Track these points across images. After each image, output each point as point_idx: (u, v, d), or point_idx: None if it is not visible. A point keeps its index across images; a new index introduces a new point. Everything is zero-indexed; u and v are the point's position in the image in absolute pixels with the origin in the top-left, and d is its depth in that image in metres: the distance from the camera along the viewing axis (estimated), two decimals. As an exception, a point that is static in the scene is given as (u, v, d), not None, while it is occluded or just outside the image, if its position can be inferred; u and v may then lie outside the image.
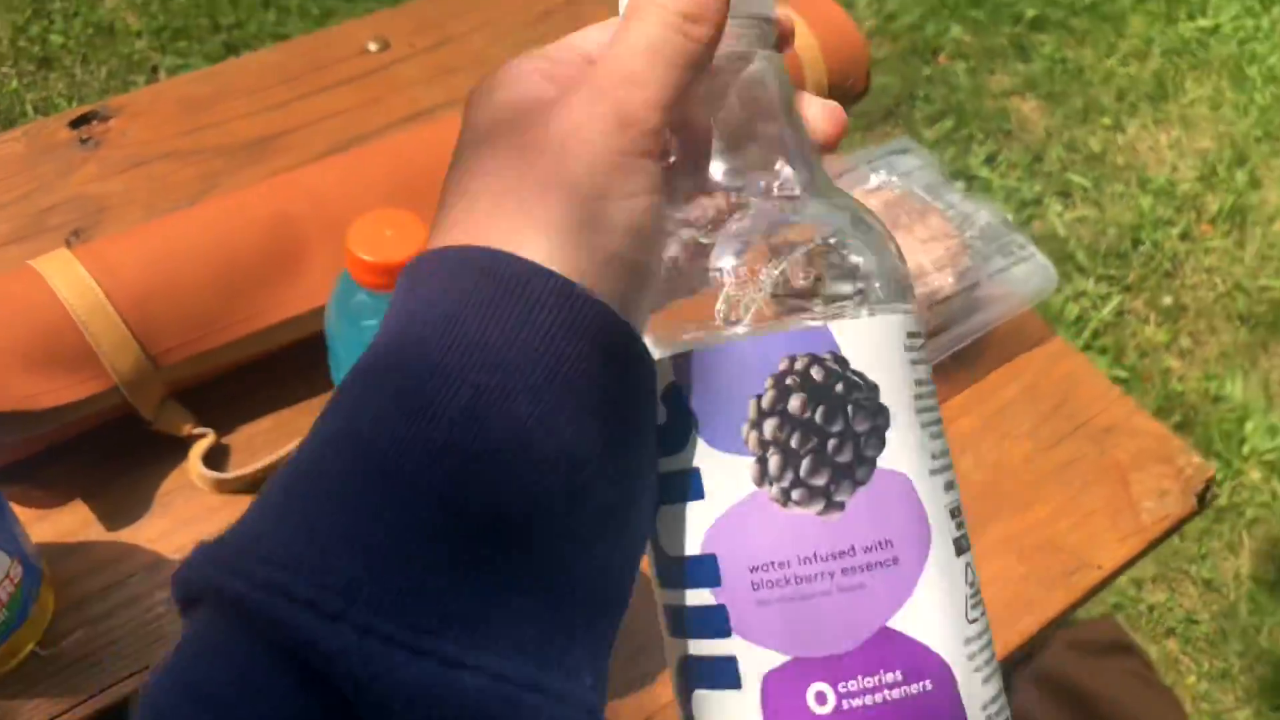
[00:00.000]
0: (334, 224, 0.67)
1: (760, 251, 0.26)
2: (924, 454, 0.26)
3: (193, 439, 0.65)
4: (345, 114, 0.85)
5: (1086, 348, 1.66)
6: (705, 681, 0.26)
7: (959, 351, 0.72)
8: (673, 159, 0.28)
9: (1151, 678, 1.11)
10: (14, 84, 1.76)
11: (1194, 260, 1.79)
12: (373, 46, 0.89)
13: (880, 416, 0.25)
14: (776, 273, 0.26)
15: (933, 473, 0.26)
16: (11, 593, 0.53)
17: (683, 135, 0.28)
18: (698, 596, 0.26)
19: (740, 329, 0.25)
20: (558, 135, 0.25)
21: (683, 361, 0.25)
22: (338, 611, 0.20)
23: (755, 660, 0.25)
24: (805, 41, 0.81)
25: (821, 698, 0.24)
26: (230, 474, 0.64)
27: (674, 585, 0.26)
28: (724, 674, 0.25)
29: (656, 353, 0.26)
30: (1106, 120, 1.96)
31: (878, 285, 0.27)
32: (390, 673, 0.20)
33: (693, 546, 0.25)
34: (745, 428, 0.25)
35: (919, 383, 0.26)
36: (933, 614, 0.25)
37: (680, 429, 0.25)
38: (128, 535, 0.61)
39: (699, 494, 0.25)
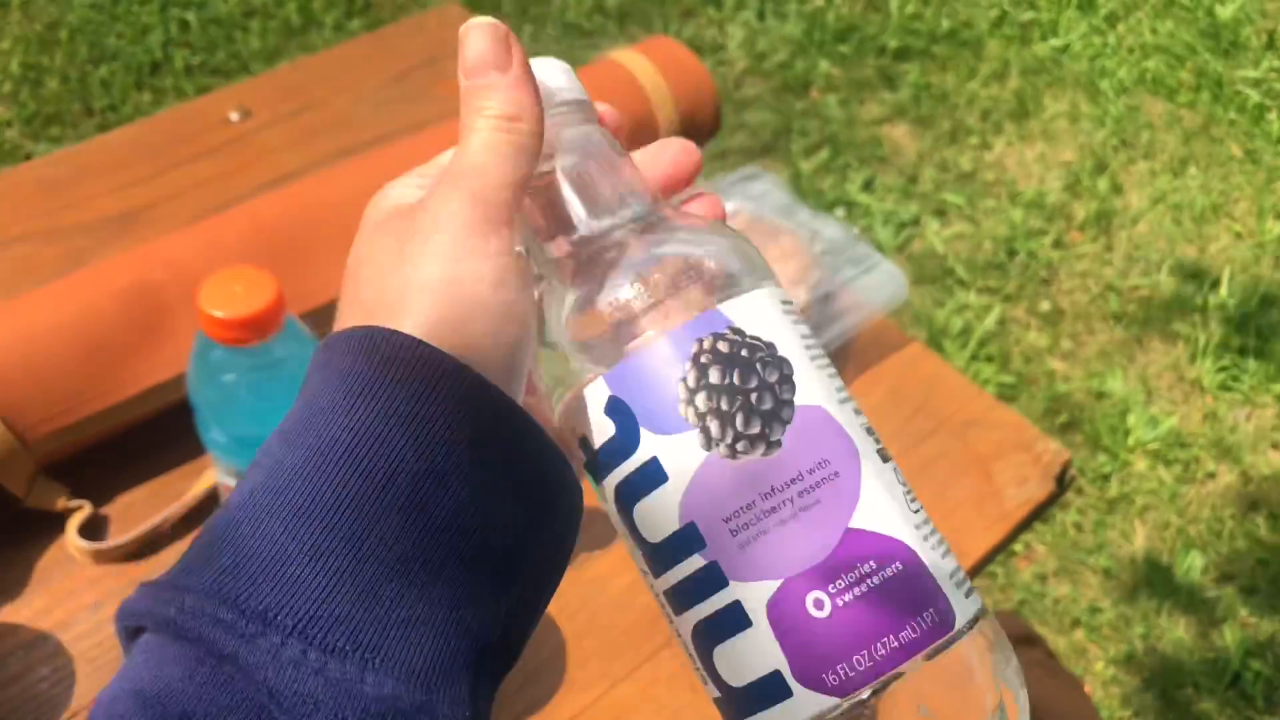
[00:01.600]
0: (194, 290, 0.68)
1: (649, 273, 0.31)
2: (829, 388, 0.31)
3: (68, 512, 0.65)
4: (209, 183, 0.86)
5: (973, 358, 1.72)
6: (720, 635, 0.30)
7: (819, 362, 0.75)
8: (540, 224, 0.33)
9: (1055, 666, 1.14)
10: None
11: (1067, 266, 1.87)
12: (234, 116, 0.91)
13: (784, 366, 0.30)
14: (667, 281, 0.31)
15: (841, 402, 0.31)
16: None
17: (542, 200, 0.33)
18: (690, 565, 0.30)
19: (652, 333, 0.30)
20: (425, 220, 0.30)
21: (615, 376, 0.30)
22: (256, 632, 0.25)
23: (755, 595, 0.29)
24: (654, 83, 0.85)
25: (819, 604, 0.29)
26: (108, 544, 0.64)
27: (666, 566, 0.30)
28: (734, 619, 0.29)
29: (591, 375, 0.31)
30: (974, 140, 2.05)
31: (746, 272, 0.32)
32: (301, 682, 0.25)
33: (672, 524, 0.30)
34: (682, 407, 0.30)
35: (804, 336, 0.32)
36: (882, 508, 0.30)
37: (629, 431, 0.30)
38: (8, 614, 0.61)
39: (663, 478, 0.29)
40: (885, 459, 0.31)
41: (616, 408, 0.30)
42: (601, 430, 0.30)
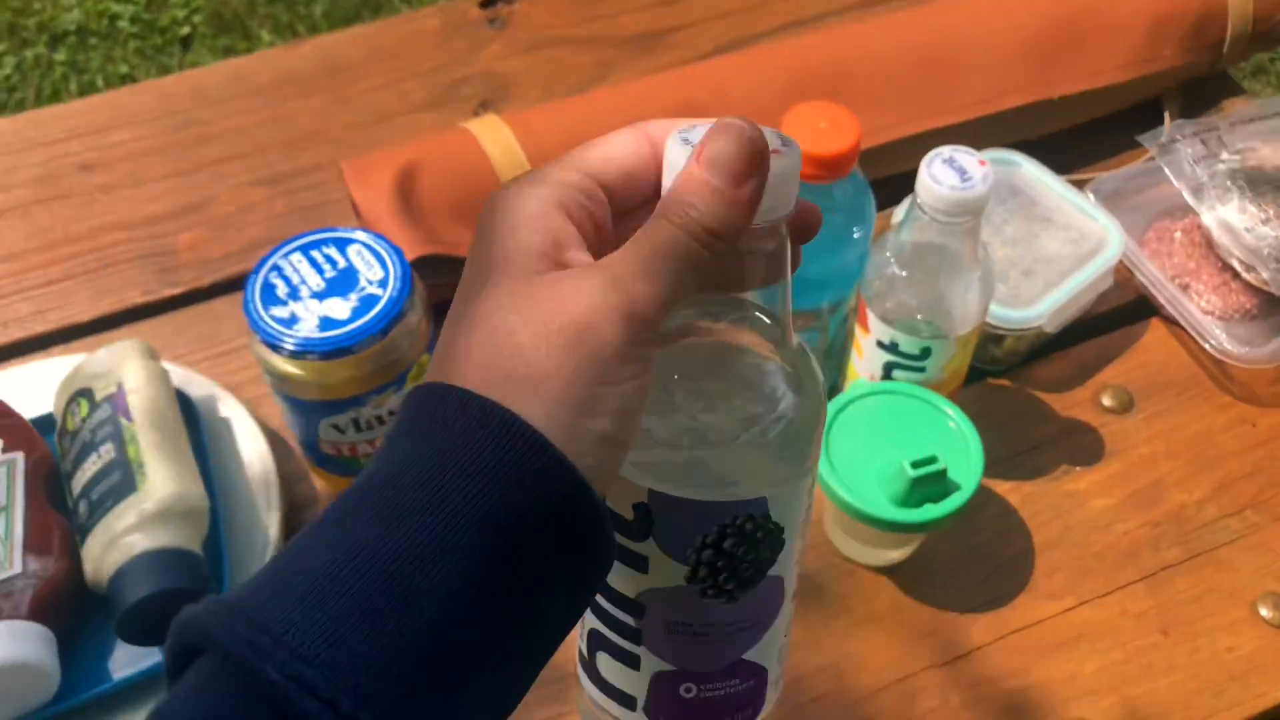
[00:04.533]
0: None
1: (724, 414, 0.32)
2: (797, 552, 0.36)
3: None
4: (731, 16, 0.87)
5: None
6: (611, 655, 0.37)
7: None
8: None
9: None
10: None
11: None
12: (764, -49, 0.90)
13: (779, 546, 0.34)
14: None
15: (796, 562, 0.37)
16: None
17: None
18: (624, 617, 0.35)
19: (704, 487, 0.32)
20: (571, 315, 0.28)
21: (655, 494, 0.32)
22: (312, 680, 0.25)
23: (652, 663, 0.36)
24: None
25: (689, 689, 0.37)
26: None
27: (608, 600, 0.36)
28: (628, 660, 0.37)
29: (633, 476, 0.32)
30: None
31: (808, 456, 0.33)
32: None
33: (629, 593, 0.35)
34: (690, 551, 0.33)
35: (808, 506, 0.36)
36: (769, 647, 0.38)
37: (642, 529, 0.33)
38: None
39: (644, 569, 0.34)
40: (795, 562, 0.37)
41: (642, 510, 0.32)
42: (623, 512, 0.33)
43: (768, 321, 0.32)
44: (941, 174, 0.50)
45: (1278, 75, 1.77)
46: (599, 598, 0.36)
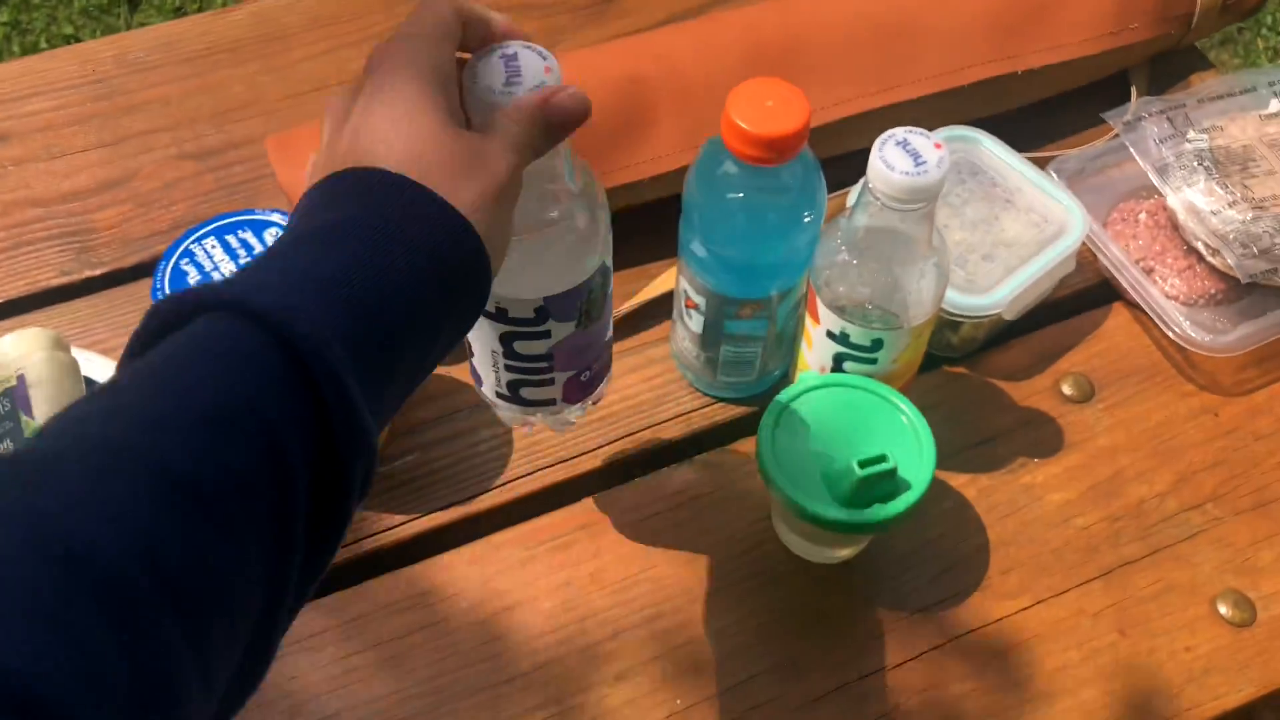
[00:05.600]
0: (684, 91, 0.66)
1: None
2: (610, 292, 0.50)
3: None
4: (687, -18, 0.83)
5: None
6: (533, 385, 0.51)
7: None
8: None
9: None
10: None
11: None
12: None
13: (607, 294, 0.50)
14: None
15: (609, 288, 0.50)
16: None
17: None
18: (540, 364, 0.49)
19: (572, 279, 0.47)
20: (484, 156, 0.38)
21: (548, 298, 0.46)
22: (322, 339, 0.31)
23: (561, 376, 0.50)
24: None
25: (584, 374, 0.51)
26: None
27: (527, 359, 0.49)
28: (546, 384, 0.50)
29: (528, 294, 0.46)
30: None
31: (602, 252, 0.48)
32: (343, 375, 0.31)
33: (541, 350, 0.48)
34: (573, 313, 0.48)
35: (610, 271, 0.50)
36: (607, 338, 0.52)
37: (542, 319, 0.47)
38: (459, 372, 0.64)
39: (549, 336, 0.47)
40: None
41: (541, 309, 0.46)
42: (526, 314, 0.47)
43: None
44: (894, 158, 0.48)
45: (1245, 46, 1.75)
46: (520, 359, 0.49)
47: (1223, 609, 0.57)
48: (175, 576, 0.26)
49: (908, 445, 0.53)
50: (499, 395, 0.52)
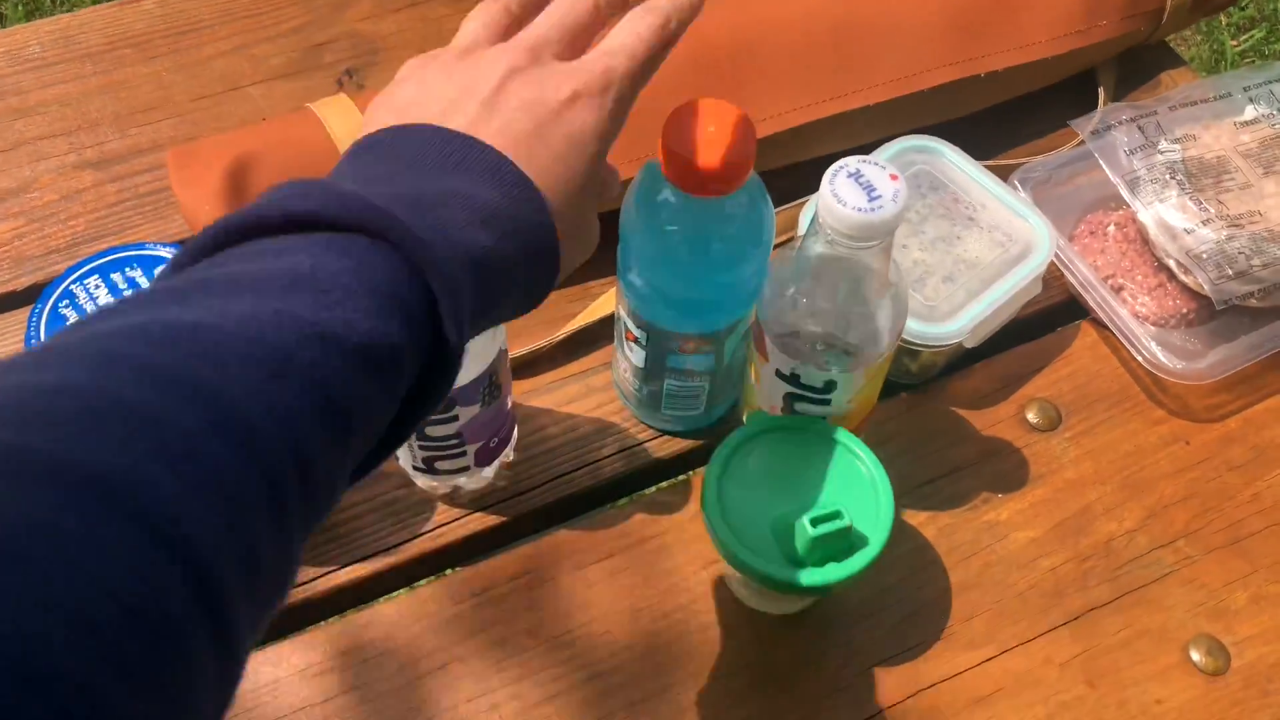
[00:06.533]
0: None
1: None
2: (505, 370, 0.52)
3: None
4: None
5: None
6: (448, 459, 0.53)
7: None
8: None
9: None
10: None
11: None
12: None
13: (502, 383, 0.50)
14: None
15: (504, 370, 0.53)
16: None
17: None
18: (453, 441, 0.52)
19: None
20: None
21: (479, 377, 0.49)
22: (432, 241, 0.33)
23: (472, 447, 0.53)
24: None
25: (492, 441, 0.54)
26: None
27: (438, 441, 0.52)
28: (458, 455, 0.53)
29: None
30: None
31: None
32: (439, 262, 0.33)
33: (451, 431, 0.51)
34: (478, 396, 0.50)
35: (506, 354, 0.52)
36: (507, 408, 0.53)
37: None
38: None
39: (457, 418, 0.51)
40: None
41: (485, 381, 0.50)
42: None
43: None
44: (846, 192, 0.43)
45: (1207, 22, 1.72)
46: (431, 440, 0.51)
47: (1195, 656, 0.54)
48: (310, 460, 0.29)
49: (864, 497, 0.49)
50: (415, 469, 0.55)
